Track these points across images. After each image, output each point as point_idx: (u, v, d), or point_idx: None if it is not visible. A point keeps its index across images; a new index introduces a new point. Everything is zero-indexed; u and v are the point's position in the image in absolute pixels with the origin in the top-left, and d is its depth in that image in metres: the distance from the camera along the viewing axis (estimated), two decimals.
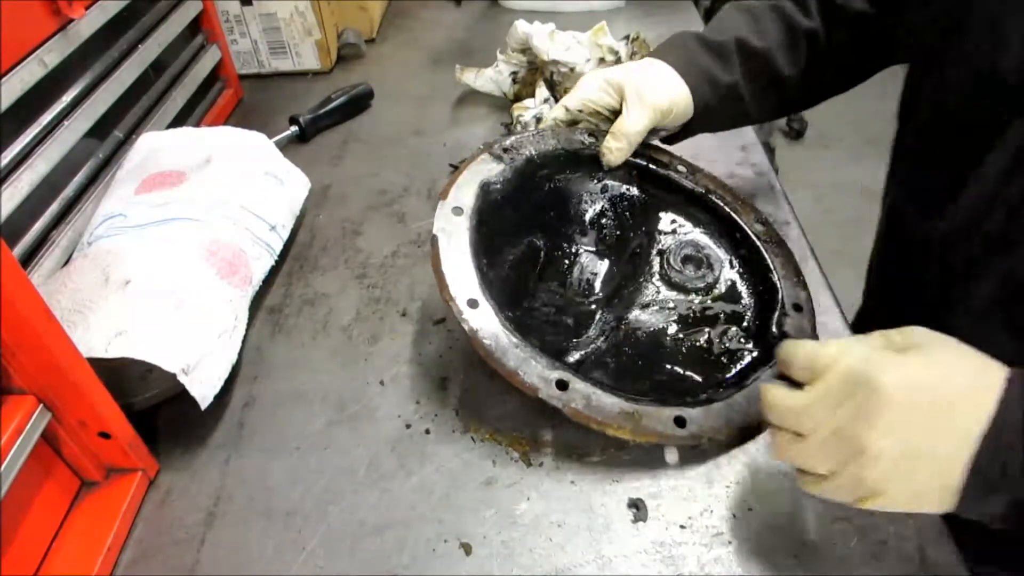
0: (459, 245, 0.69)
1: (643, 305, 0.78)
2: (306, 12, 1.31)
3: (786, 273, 0.78)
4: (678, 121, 0.82)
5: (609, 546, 0.62)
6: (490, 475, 0.68)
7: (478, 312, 0.65)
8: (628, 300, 0.78)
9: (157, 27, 1.03)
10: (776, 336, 0.72)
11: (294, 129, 1.17)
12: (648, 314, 0.77)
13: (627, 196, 0.84)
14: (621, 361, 0.73)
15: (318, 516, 0.66)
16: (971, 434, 0.46)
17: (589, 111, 0.83)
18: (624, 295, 0.78)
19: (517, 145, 0.78)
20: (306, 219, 1.01)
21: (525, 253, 0.79)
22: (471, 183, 0.73)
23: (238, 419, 0.75)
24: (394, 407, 0.75)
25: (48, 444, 0.62)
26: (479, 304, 0.66)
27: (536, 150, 0.79)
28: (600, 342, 0.74)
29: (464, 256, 0.68)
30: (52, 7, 0.78)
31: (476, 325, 0.65)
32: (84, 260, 0.75)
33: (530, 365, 0.64)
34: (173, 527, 0.66)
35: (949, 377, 0.48)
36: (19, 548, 0.59)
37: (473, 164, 0.75)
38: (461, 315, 0.65)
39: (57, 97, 0.83)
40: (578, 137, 0.82)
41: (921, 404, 0.47)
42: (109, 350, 0.65)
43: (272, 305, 0.88)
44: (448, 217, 0.70)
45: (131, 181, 0.87)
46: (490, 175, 0.75)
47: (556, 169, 0.81)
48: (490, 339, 0.64)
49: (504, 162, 0.76)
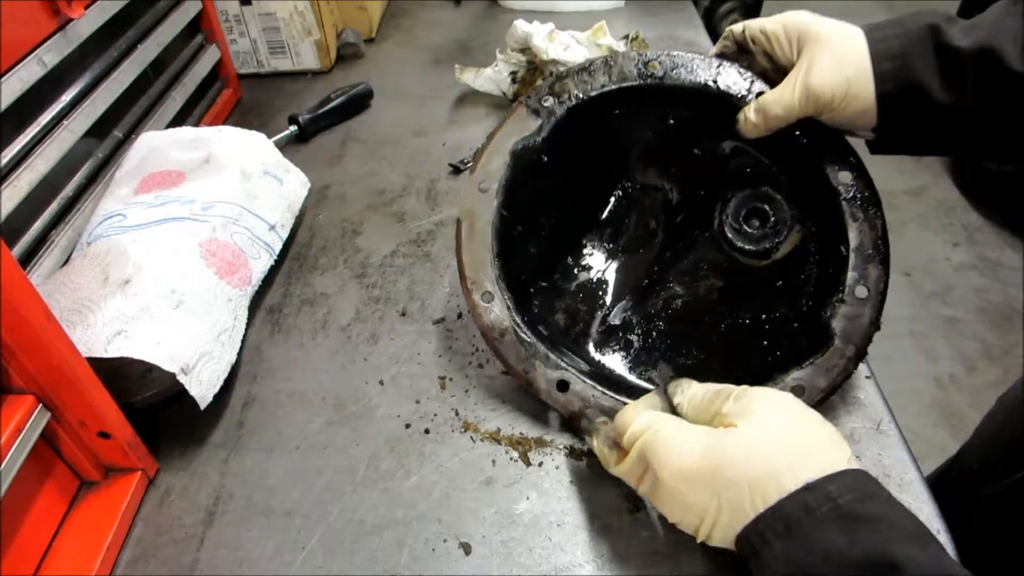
0: (482, 230, 0.66)
1: (692, 267, 0.70)
2: (305, 12, 1.30)
3: (862, 243, 0.62)
4: (846, 119, 0.64)
5: (609, 546, 0.62)
6: (489, 475, 0.68)
7: (492, 306, 0.65)
8: (678, 257, 0.71)
9: (156, 27, 1.03)
10: (822, 330, 0.62)
11: (293, 129, 1.17)
12: (694, 280, 0.69)
13: (691, 134, 0.72)
14: (648, 339, 0.68)
15: (318, 516, 0.66)
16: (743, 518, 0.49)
17: (760, 49, 0.68)
18: (676, 250, 0.71)
19: (559, 91, 0.69)
20: (305, 219, 1.01)
21: (569, 210, 0.74)
22: (502, 151, 0.68)
23: (237, 419, 0.75)
24: (393, 407, 0.75)
25: (48, 444, 0.62)
26: (493, 298, 0.65)
27: (582, 91, 0.69)
28: (632, 313, 0.69)
29: (485, 243, 0.66)
30: (51, 7, 0.78)
31: (488, 320, 0.64)
32: (83, 260, 0.75)
33: (534, 365, 0.64)
34: (172, 527, 0.66)
35: (747, 460, 0.50)
36: (18, 548, 0.59)
37: (507, 124, 0.69)
38: (475, 309, 0.65)
39: (56, 97, 0.82)
40: (632, 68, 0.70)
41: (701, 490, 0.51)
42: (108, 350, 0.65)
43: (271, 305, 0.88)
44: (475, 196, 0.67)
45: (130, 181, 0.87)
46: (525, 136, 0.68)
47: (607, 110, 0.71)
48: (499, 335, 0.65)
49: (541, 116, 0.69)
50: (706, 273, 0.70)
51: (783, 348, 0.65)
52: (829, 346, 0.61)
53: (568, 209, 0.74)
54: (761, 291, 0.67)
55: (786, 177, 0.68)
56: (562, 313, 0.73)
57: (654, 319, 0.69)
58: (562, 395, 0.63)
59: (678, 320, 0.69)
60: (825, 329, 0.61)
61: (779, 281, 0.67)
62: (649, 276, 0.73)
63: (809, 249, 0.67)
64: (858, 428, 0.67)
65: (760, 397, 0.53)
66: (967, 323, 2.28)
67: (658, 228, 0.75)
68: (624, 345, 0.68)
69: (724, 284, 0.69)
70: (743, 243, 0.68)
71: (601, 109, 0.70)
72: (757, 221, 0.68)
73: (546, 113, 0.69)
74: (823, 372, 0.61)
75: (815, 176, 0.65)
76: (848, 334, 0.61)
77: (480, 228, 0.66)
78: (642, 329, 0.69)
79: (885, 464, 0.65)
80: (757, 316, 0.66)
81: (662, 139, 0.73)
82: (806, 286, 0.65)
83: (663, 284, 0.70)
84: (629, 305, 0.69)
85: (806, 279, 0.66)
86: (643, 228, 0.74)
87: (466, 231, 0.66)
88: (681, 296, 0.70)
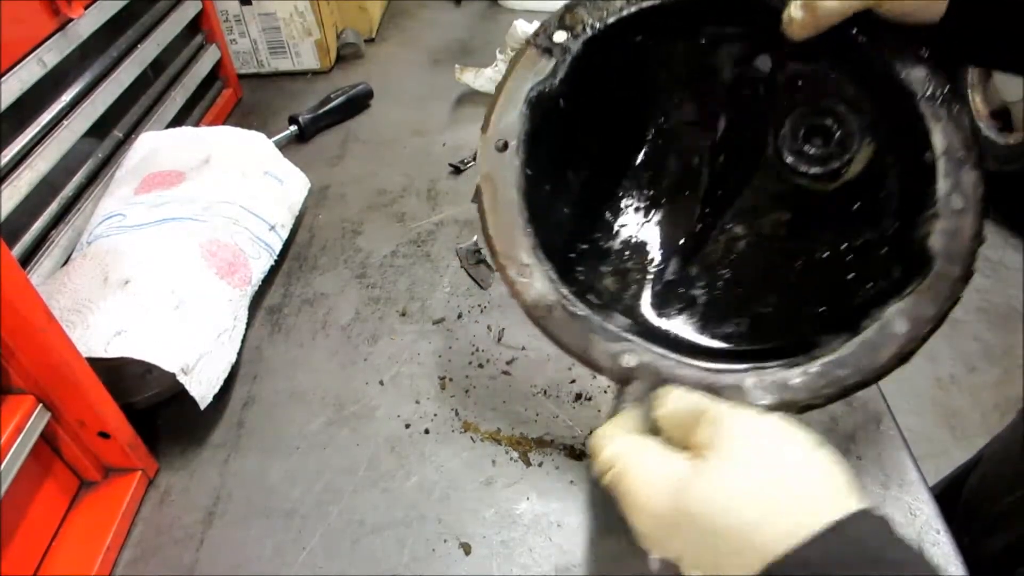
0: (506, 195, 0.57)
1: (750, 203, 0.61)
2: (305, 12, 1.31)
3: (951, 146, 0.53)
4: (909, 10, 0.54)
5: (609, 546, 0.62)
6: (490, 475, 0.68)
7: (533, 280, 0.55)
8: (732, 194, 0.62)
9: (156, 27, 1.03)
10: (918, 252, 0.52)
11: (293, 129, 1.17)
12: (755, 217, 0.61)
13: (728, 53, 0.64)
14: (715, 291, 0.59)
15: (318, 516, 0.66)
16: None
17: None
18: (728, 187, 0.62)
19: (571, 23, 0.61)
20: (305, 219, 1.01)
21: (600, 161, 0.66)
22: (515, 101, 0.59)
23: (237, 419, 0.75)
24: (393, 407, 0.75)
25: (47, 444, 0.62)
26: (533, 271, 0.55)
27: (597, 19, 0.60)
28: (689, 265, 0.61)
29: (512, 210, 0.56)
30: (51, 7, 0.78)
31: (531, 297, 0.55)
32: (83, 260, 0.75)
33: (591, 340, 0.53)
34: (172, 527, 0.66)
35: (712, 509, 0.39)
36: (18, 548, 0.59)
37: (517, 71, 0.60)
38: (514, 286, 0.55)
39: (56, 97, 0.82)
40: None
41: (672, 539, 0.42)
42: (108, 350, 0.65)
43: (271, 305, 0.88)
44: (492, 158, 0.57)
45: (130, 181, 0.87)
46: (539, 80, 0.59)
47: (629, 38, 0.62)
48: (545, 312, 0.54)
49: (555, 55, 0.60)
50: (768, 207, 0.60)
51: (874, 280, 0.55)
52: (929, 269, 0.51)
53: (598, 159, 0.65)
54: (836, 218, 0.58)
55: (848, 84, 0.59)
56: (610, 277, 0.64)
57: (717, 267, 0.60)
58: (630, 369, 0.53)
59: (745, 265, 0.59)
60: (921, 251, 0.52)
61: (855, 204, 0.58)
62: (702, 220, 0.63)
63: (885, 162, 0.57)
64: (858, 428, 0.67)
65: (738, 423, 0.42)
66: (967, 323, 2.28)
67: (702, 165, 0.65)
68: (687, 302, 0.59)
69: (791, 216, 0.60)
70: (806, 166, 0.59)
71: (622, 37, 0.61)
72: (819, 139, 0.59)
73: (559, 51, 0.60)
74: (928, 300, 0.51)
75: (882, 78, 0.56)
76: (950, 252, 0.51)
77: (504, 194, 0.57)
78: (705, 281, 0.60)
79: (885, 464, 0.65)
80: (836, 247, 0.57)
81: (694, 64, 0.64)
82: (888, 205, 0.57)
83: (720, 227, 0.61)
84: (685, 256, 0.61)
85: (887, 197, 0.57)
86: (685, 168, 0.65)
87: (488, 201, 0.56)
88: (743, 237, 0.60)
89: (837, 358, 0.50)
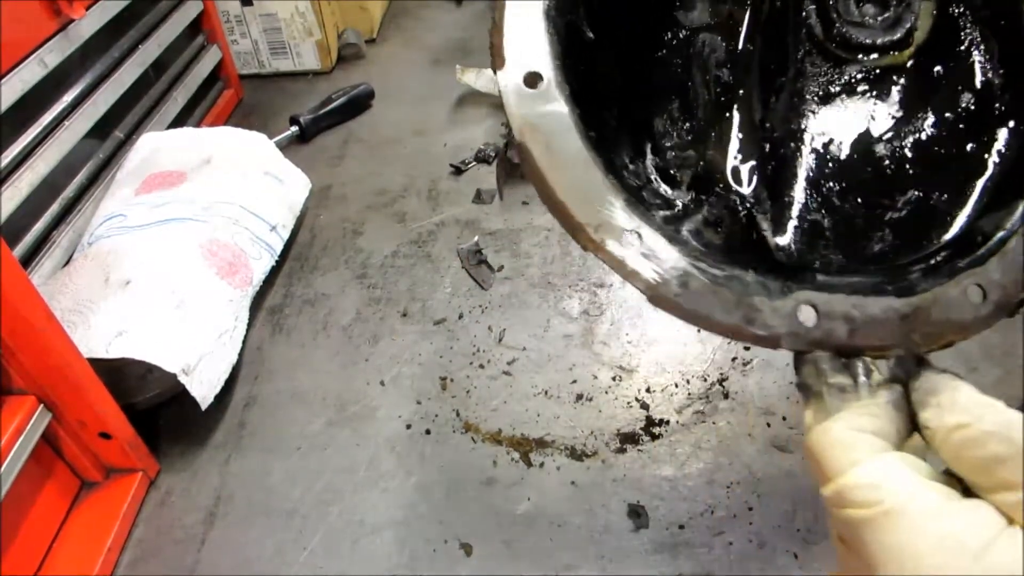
0: (567, 143, 0.43)
1: (821, 102, 0.52)
2: (306, 12, 1.31)
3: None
4: None
5: (609, 546, 0.62)
6: (490, 475, 0.68)
7: (647, 248, 0.41)
8: (793, 101, 0.52)
9: (158, 27, 1.03)
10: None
11: (294, 129, 1.17)
12: (836, 115, 0.51)
13: None
14: (835, 210, 0.49)
15: (318, 516, 0.66)
16: None
17: None
18: (780, 95, 0.53)
19: None
20: (306, 219, 1.01)
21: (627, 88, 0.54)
22: (529, 15, 0.45)
23: (238, 419, 0.75)
24: (394, 407, 0.75)
25: (48, 444, 0.62)
26: (642, 236, 0.41)
27: None
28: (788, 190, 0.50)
29: (581, 159, 0.42)
30: (53, 7, 0.78)
31: (653, 274, 0.41)
32: (84, 260, 0.75)
33: (754, 304, 0.40)
34: (173, 527, 0.66)
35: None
36: (20, 548, 0.59)
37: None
38: (623, 265, 0.41)
39: (58, 97, 0.83)
40: None
41: None
42: (109, 350, 0.65)
43: (272, 305, 0.88)
44: (523, 99, 0.43)
45: (131, 181, 0.87)
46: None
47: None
48: (680, 287, 0.41)
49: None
50: (841, 99, 0.51)
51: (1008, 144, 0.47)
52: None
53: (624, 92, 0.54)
54: (923, 86, 0.51)
55: None
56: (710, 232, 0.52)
57: (826, 181, 0.50)
58: (818, 327, 0.40)
59: (854, 169, 0.50)
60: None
61: (936, 67, 0.50)
62: (769, 139, 0.53)
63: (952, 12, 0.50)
64: None
65: None
66: None
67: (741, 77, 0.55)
68: (815, 233, 0.49)
69: (874, 101, 0.51)
70: (871, 38, 0.50)
71: None
72: (876, 3, 0.51)
73: None
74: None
75: None
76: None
77: (562, 143, 0.43)
78: (818, 201, 0.50)
79: None
80: (941, 119, 0.49)
81: None
82: (978, 54, 0.49)
83: (798, 139, 0.52)
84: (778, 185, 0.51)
85: (969, 46, 0.49)
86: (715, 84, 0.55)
87: (542, 156, 0.42)
88: (834, 139, 0.51)
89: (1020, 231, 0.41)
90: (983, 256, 0.42)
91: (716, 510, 0.64)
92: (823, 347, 0.39)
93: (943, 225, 0.47)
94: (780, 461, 0.66)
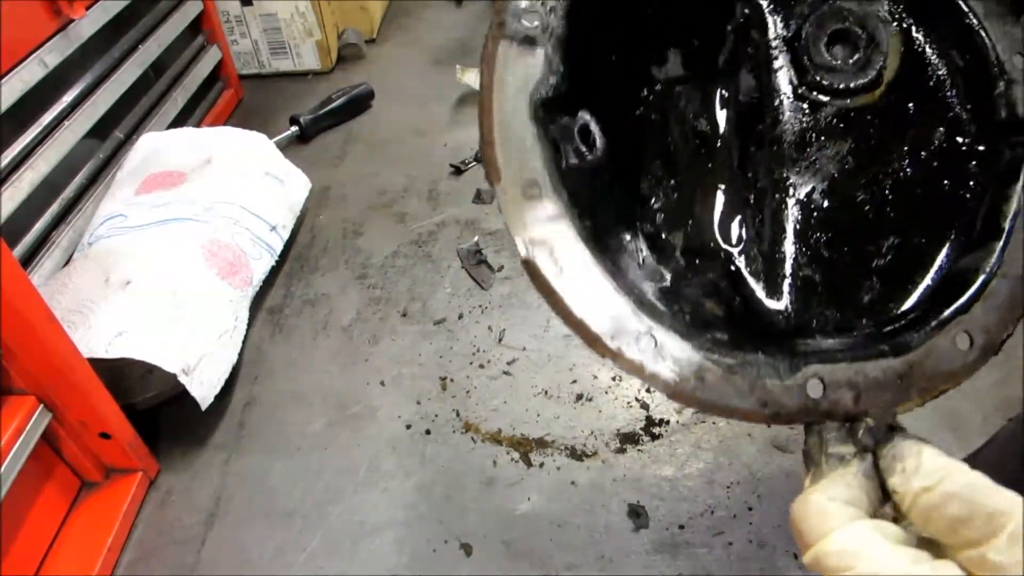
0: (577, 255, 0.44)
1: (798, 149, 0.52)
2: (306, 12, 1.31)
3: (991, 9, 0.48)
4: None
5: (610, 546, 0.62)
6: (490, 475, 0.68)
7: (658, 352, 0.43)
8: (772, 149, 0.52)
9: (157, 27, 1.03)
10: (1006, 118, 0.46)
11: (294, 129, 1.17)
12: (813, 162, 0.52)
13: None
14: (824, 263, 0.50)
15: (318, 516, 0.66)
16: None
17: None
18: (760, 143, 0.53)
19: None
20: (306, 219, 1.01)
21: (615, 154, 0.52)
22: (518, 123, 0.45)
23: (238, 419, 0.75)
24: (394, 407, 0.75)
25: (48, 444, 0.62)
26: (656, 337, 0.43)
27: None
28: (775, 246, 0.50)
29: (593, 273, 0.43)
30: (53, 7, 0.78)
31: (671, 374, 0.42)
32: (84, 260, 0.75)
33: (766, 387, 0.43)
34: (173, 528, 0.66)
35: None
36: (20, 548, 0.59)
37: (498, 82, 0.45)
38: (642, 371, 0.42)
39: (58, 97, 0.83)
40: None
41: None
42: (109, 350, 0.65)
43: (272, 305, 0.88)
44: (526, 211, 0.43)
45: (132, 181, 0.87)
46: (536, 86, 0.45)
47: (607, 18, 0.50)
48: (697, 384, 0.43)
49: (540, 43, 0.46)
50: (819, 143, 0.51)
51: (978, 179, 0.49)
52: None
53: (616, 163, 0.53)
54: (896, 124, 0.51)
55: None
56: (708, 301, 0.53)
57: (813, 232, 0.50)
58: (825, 397, 0.43)
59: (838, 217, 0.51)
60: (1014, 121, 0.45)
61: (909, 103, 0.51)
62: (753, 191, 0.53)
63: (918, 48, 0.51)
64: None
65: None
66: None
67: (714, 125, 0.55)
68: (809, 289, 0.50)
69: (851, 142, 0.51)
70: (844, 82, 0.50)
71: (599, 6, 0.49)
72: (845, 46, 0.51)
73: (542, 33, 0.46)
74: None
75: None
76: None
77: (566, 254, 0.43)
78: (807, 255, 0.50)
79: None
80: (916, 156, 0.50)
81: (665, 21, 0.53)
82: (947, 91, 0.50)
83: (782, 190, 0.52)
84: (765, 240, 0.51)
85: (940, 84, 0.50)
86: (693, 136, 0.55)
87: (551, 273, 0.43)
88: (816, 186, 0.51)
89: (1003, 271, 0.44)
90: (967, 304, 0.44)
91: (716, 510, 0.64)
92: (833, 417, 0.42)
93: (925, 268, 0.49)
94: (780, 461, 0.66)
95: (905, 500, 0.34)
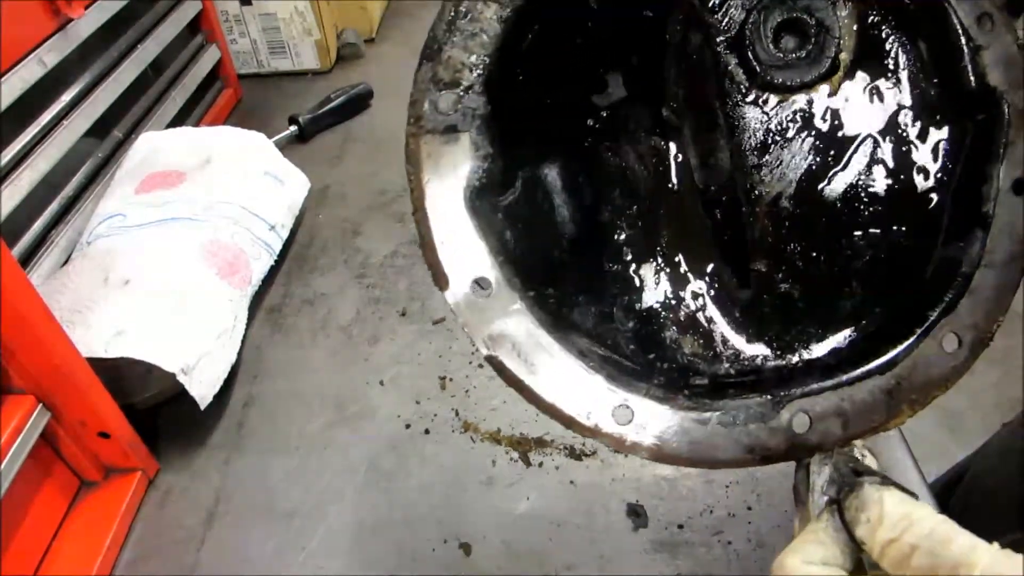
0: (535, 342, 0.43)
1: (758, 151, 0.48)
2: (305, 12, 1.30)
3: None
4: None
5: (609, 546, 0.62)
6: (490, 475, 0.68)
7: (637, 421, 0.42)
8: (732, 156, 0.49)
9: (156, 27, 1.03)
10: (977, 90, 0.43)
11: (293, 129, 1.17)
12: (775, 162, 0.48)
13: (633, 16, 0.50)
14: (800, 276, 0.48)
15: (318, 516, 0.66)
16: None
17: None
18: (720, 151, 0.50)
19: (451, 77, 0.46)
20: (306, 219, 1.01)
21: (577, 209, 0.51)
22: (455, 219, 0.43)
23: (238, 419, 0.75)
24: (394, 407, 0.75)
25: (47, 444, 0.62)
26: (633, 414, 0.42)
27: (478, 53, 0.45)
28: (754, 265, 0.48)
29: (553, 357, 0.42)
30: (51, 7, 0.78)
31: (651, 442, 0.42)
32: (83, 260, 0.75)
33: (750, 434, 0.42)
34: (173, 527, 0.66)
35: None
36: (19, 548, 0.59)
37: (428, 177, 0.45)
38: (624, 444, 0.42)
39: (57, 97, 0.82)
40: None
41: None
42: (108, 350, 0.65)
43: (272, 305, 0.88)
44: (480, 310, 0.43)
45: (131, 181, 0.87)
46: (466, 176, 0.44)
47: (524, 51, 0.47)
48: (678, 442, 0.42)
49: (463, 127, 0.45)
50: (780, 143, 0.48)
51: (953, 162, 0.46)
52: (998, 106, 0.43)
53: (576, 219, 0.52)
54: (860, 113, 0.48)
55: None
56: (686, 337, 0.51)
57: (785, 244, 0.48)
58: (813, 430, 0.42)
59: (809, 221, 0.48)
60: (986, 92, 0.43)
61: (872, 84, 0.47)
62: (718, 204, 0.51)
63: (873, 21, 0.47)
64: None
65: None
66: None
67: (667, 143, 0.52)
68: (788, 308, 0.48)
69: (814, 138, 0.48)
70: (798, 77, 0.47)
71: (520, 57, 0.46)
72: (794, 36, 0.47)
73: (463, 118, 0.45)
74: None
75: None
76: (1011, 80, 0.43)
77: (528, 344, 0.43)
78: (784, 270, 0.48)
79: (885, 465, 0.65)
80: (885, 143, 0.47)
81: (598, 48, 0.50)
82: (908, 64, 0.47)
83: (750, 201, 0.49)
84: (739, 259, 0.48)
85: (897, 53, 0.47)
86: (651, 156, 0.52)
87: (517, 367, 0.42)
88: (783, 191, 0.48)
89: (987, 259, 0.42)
90: (953, 301, 0.42)
91: (715, 510, 0.64)
92: (823, 449, 0.41)
93: (907, 262, 0.46)
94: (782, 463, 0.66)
95: (874, 551, 0.34)
